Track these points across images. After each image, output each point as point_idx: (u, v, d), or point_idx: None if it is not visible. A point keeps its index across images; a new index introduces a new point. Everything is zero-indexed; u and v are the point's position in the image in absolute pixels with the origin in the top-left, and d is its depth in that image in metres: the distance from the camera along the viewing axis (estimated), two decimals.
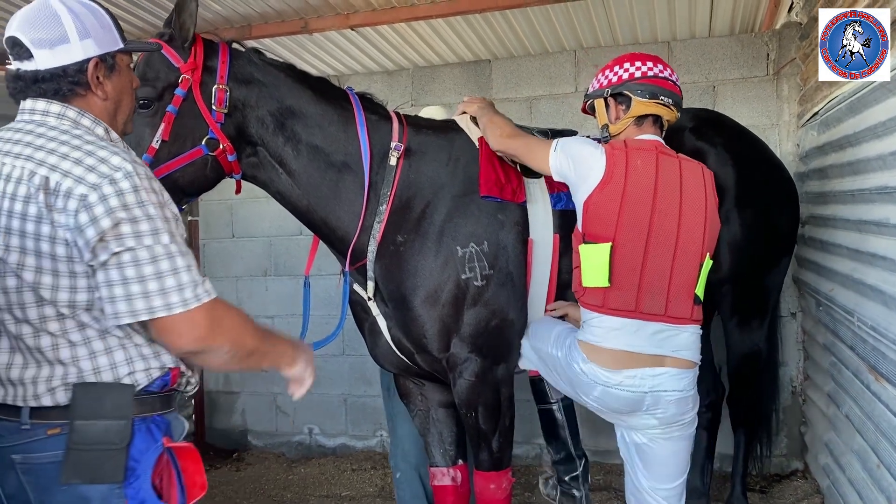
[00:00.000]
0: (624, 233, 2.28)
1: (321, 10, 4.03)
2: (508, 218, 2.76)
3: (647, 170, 2.31)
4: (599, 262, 2.28)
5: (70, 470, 1.56)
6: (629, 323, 2.29)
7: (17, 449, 1.60)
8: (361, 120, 2.71)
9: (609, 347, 2.29)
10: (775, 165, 3.43)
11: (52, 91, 1.67)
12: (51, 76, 1.66)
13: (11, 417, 1.61)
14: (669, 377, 2.29)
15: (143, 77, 2.39)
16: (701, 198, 2.37)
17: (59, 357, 1.60)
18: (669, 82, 2.44)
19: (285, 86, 2.63)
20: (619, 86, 2.45)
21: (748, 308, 3.37)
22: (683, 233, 2.31)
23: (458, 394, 2.76)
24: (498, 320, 2.72)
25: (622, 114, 2.46)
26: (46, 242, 1.54)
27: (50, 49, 1.64)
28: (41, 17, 1.65)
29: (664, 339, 2.31)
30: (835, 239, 3.42)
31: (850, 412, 3.15)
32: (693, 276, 2.34)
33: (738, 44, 4.40)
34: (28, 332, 1.60)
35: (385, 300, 2.78)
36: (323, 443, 5.30)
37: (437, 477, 3.04)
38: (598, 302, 2.31)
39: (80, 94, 1.70)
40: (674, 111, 2.46)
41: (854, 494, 3.05)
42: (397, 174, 2.71)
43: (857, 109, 3.01)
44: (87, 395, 1.60)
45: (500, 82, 4.83)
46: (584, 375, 2.34)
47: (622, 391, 2.29)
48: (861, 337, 2.94)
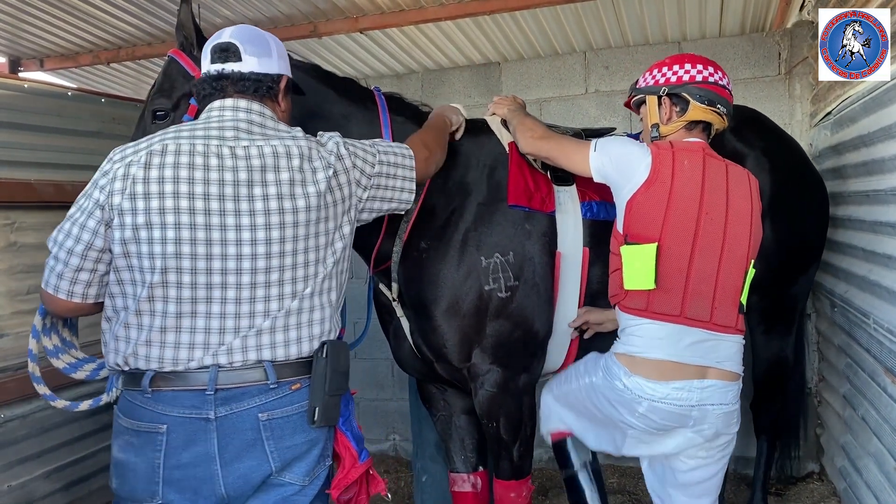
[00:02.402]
0: (670, 234, 2.20)
1: (330, 14, 4.04)
2: (536, 228, 2.69)
3: (695, 171, 2.25)
4: (645, 263, 2.18)
5: (322, 416, 1.88)
6: (673, 330, 2.19)
7: (263, 408, 1.83)
8: (386, 121, 2.64)
9: (653, 358, 2.20)
10: (810, 172, 3.37)
11: (253, 89, 1.96)
12: (255, 78, 1.96)
13: (255, 381, 1.83)
14: (716, 390, 2.20)
15: (159, 87, 2.40)
16: (746, 204, 2.31)
17: (312, 319, 1.92)
18: (727, 91, 2.37)
19: (307, 87, 2.52)
20: (678, 86, 2.36)
21: (776, 315, 3.32)
22: (729, 237, 2.24)
23: (479, 404, 2.74)
24: (521, 332, 2.67)
25: (676, 116, 2.37)
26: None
27: (257, 58, 1.97)
28: (252, 35, 2.01)
29: (709, 349, 2.21)
30: (850, 240, 3.39)
31: (867, 414, 3.12)
32: (739, 282, 2.26)
33: (749, 43, 4.37)
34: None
35: (407, 305, 2.75)
36: None
37: (458, 483, 3.02)
38: (642, 305, 2.22)
39: (272, 99, 2.02)
40: (725, 120, 2.39)
41: (871, 498, 3.02)
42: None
43: (871, 109, 2.98)
44: (335, 352, 1.92)
45: (509, 84, 4.82)
46: (628, 391, 2.22)
47: (669, 405, 2.18)
48: (877, 339, 2.91)
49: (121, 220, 1.80)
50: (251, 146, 1.86)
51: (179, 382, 1.80)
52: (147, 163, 1.81)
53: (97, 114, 3.68)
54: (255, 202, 1.82)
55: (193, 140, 1.85)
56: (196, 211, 1.79)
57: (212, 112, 1.95)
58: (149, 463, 1.80)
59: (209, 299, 1.80)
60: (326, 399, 1.89)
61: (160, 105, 2.37)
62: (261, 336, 1.83)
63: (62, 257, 1.83)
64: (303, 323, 1.89)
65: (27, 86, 3.41)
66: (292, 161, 1.87)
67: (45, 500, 3.27)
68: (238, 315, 1.82)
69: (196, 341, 1.80)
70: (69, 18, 3.98)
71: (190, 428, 1.79)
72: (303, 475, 1.88)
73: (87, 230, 1.82)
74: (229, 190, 1.81)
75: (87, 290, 1.87)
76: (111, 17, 3.99)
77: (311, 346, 1.90)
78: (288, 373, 1.86)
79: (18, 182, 3.21)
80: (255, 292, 1.83)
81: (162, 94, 2.38)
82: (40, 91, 3.47)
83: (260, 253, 1.82)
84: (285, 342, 1.86)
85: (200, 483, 1.80)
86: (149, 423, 1.81)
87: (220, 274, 1.80)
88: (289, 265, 1.86)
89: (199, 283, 1.80)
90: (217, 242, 1.80)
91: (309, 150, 1.92)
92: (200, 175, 1.81)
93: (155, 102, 2.38)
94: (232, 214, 1.81)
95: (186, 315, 1.80)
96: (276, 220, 1.83)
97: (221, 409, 1.79)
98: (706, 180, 2.24)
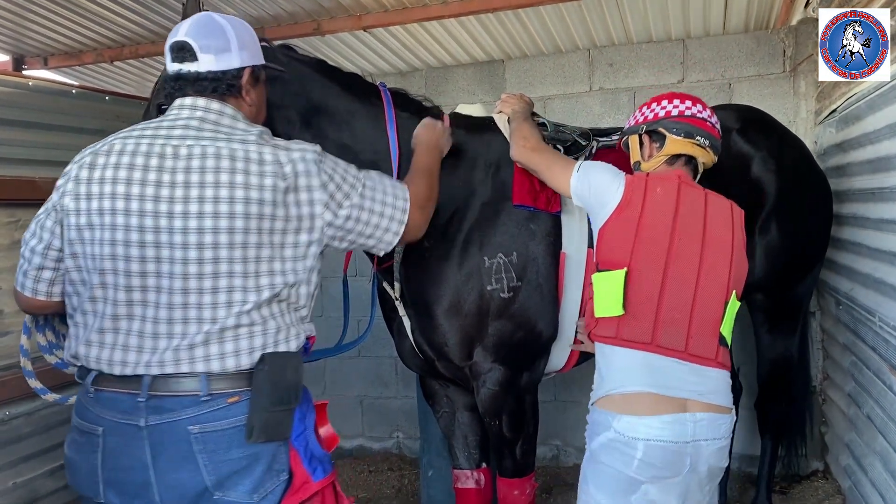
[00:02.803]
0: (640, 259, 2.15)
1: (333, 12, 4.03)
2: (540, 228, 2.68)
3: (668, 197, 2.21)
4: (613, 289, 2.13)
5: (261, 431, 1.74)
6: (646, 359, 2.10)
7: (195, 420, 1.72)
8: (391, 117, 2.62)
9: (632, 391, 2.09)
10: (815, 172, 3.36)
11: (211, 89, 1.87)
12: (212, 77, 1.86)
13: (188, 391, 1.72)
14: (709, 423, 2.09)
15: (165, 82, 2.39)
16: (727, 233, 2.25)
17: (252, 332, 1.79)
18: (708, 123, 2.34)
19: (312, 82, 2.54)
20: (654, 123, 2.35)
21: (781, 314, 3.31)
22: (706, 266, 2.17)
23: (481, 402, 2.73)
24: (524, 332, 2.66)
25: (655, 151, 2.36)
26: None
27: (214, 55, 1.86)
28: (209, 27, 1.88)
29: (687, 381, 2.10)
30: (854, 238, 3.38)
31: (872, 413, 3.11)
32: (718, 312, 2.17)
33: (753, 41, 4.36)
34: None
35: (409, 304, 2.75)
36: (340, 445, 5.25)
37: (461, 479, 3.02)
38: (612, 333, 2.14)
39: (234, 96, 1.91)
40: (710, 153, 2.35)
41: (876, 496, 3.01)
42: None
43: (877, 106, 2.97)
44: (278, 364, 1.79)
45: (513, 82, 4.81)
46: (622, 436, 2.07)
47: (665, 443, 2.04)
48: (882, 337, 2.90)
49: (68, 221, 1.80)
50: (195, 146, 1.76)
51: (117, 385, 1.74)
52: (92, 163, 1.79)
53: (101, 112, 3.69)
54: (190, 205, 1.72)
55: (141, 139, 1.80)
56: (131, 212, 1.73)
57: (172, 110, 1.89)
58: (90, 463, 1.77)
59: (145, 303, 1.74)
60: (268, 414, 1.75)
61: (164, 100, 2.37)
62: (194, 348, 1.72)
63: (27, 255, 1.85)
64: (241, 335, 1.75)
65: (31, 83, 3.42)
66: (236, 164, 1.74)
67: (49, 497, 3.28)
68: (171, 321, 1.73)
69: (130, 344, 1.74)
70: (73, 16, 3.98)
71: (124, 433, 1.73)
72: (248, 492, 1.75)
73: (45, 230, 1.83)
74: (165, 192, 1.73)
75: (50, 289, 1.86)
76: (115, 15, 3.99)
77: (251, 359, 1.77)
78: (224, 385, 1.74)
79: (22, 179, 3.21)
80: (187, 299, 1.72)
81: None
82: (44, 89, 3.48)
83: (191, 258, 1.72)
84: (221, 354, 1.74)
85: (139, 489, 1.74)
86: (89, 424, 1.77)
87: (155, 277, 1.73)
88: (224, 273, 1.73)
89: (135, 286, 1.74)
90: (151, 245, 1.73)
91: (260, 155, 1.77)
92: (139, 175, 1.74)
93: (160, 97, 2.38)
94: (165, 217, 1.72)
95: (123, 317, 1.75)
96: (209, 225, 1.71)
97: (153, 417, 1.71)
98: (680, 206, 2.20)
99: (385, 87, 2.72)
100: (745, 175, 3.04)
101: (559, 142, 2.82)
